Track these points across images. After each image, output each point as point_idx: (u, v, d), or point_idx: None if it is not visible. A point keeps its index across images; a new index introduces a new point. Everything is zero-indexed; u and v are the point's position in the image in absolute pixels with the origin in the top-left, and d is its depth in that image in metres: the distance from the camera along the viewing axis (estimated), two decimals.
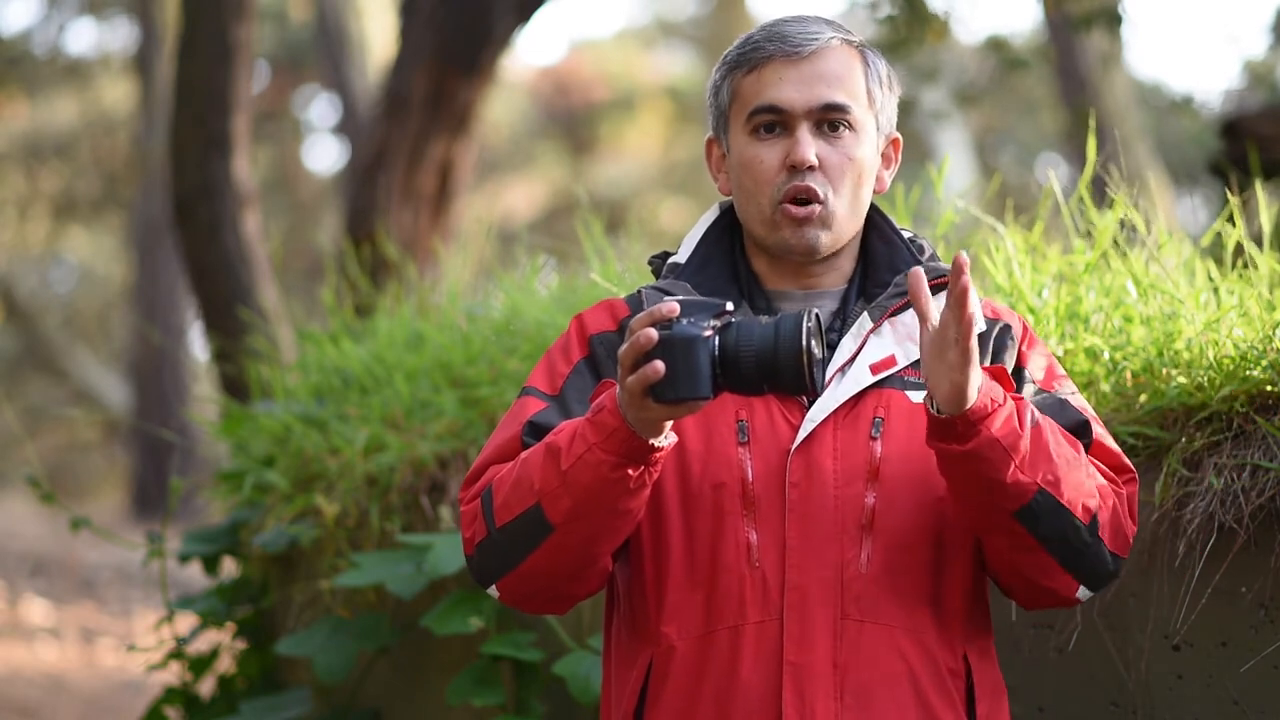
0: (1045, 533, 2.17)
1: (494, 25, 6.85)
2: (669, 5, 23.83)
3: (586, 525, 2.16)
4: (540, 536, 2.17)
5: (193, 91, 6.28)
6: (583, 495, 2.13)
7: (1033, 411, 2.17)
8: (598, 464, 2.11)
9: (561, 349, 2.35)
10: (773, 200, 2.28)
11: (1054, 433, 2.18)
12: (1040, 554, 2.19)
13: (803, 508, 2.21)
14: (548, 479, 2.15)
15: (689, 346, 2.04)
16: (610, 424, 2.10)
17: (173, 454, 11.79)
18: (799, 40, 2.28)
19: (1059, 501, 2.16)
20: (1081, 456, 2.21)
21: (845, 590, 2.20)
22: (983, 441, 2.11)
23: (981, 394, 2.11)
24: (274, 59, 18.68)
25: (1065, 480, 2.16)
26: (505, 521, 2.19)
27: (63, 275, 22.43)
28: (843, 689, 2.18)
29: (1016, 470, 2.13)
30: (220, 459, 4.72)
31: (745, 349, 2.06)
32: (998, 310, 2.36)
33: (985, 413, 2.11)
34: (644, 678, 2.26)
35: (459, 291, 4.53)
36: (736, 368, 2.06)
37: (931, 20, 8.20)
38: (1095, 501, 2.19)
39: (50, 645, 8.09)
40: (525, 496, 2.17)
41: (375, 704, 3.89)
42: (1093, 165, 3.30)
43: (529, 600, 2.27)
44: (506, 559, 2.21)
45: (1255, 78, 13.17)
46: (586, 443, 2.12)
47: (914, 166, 10.78)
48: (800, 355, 2.04)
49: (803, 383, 2.05)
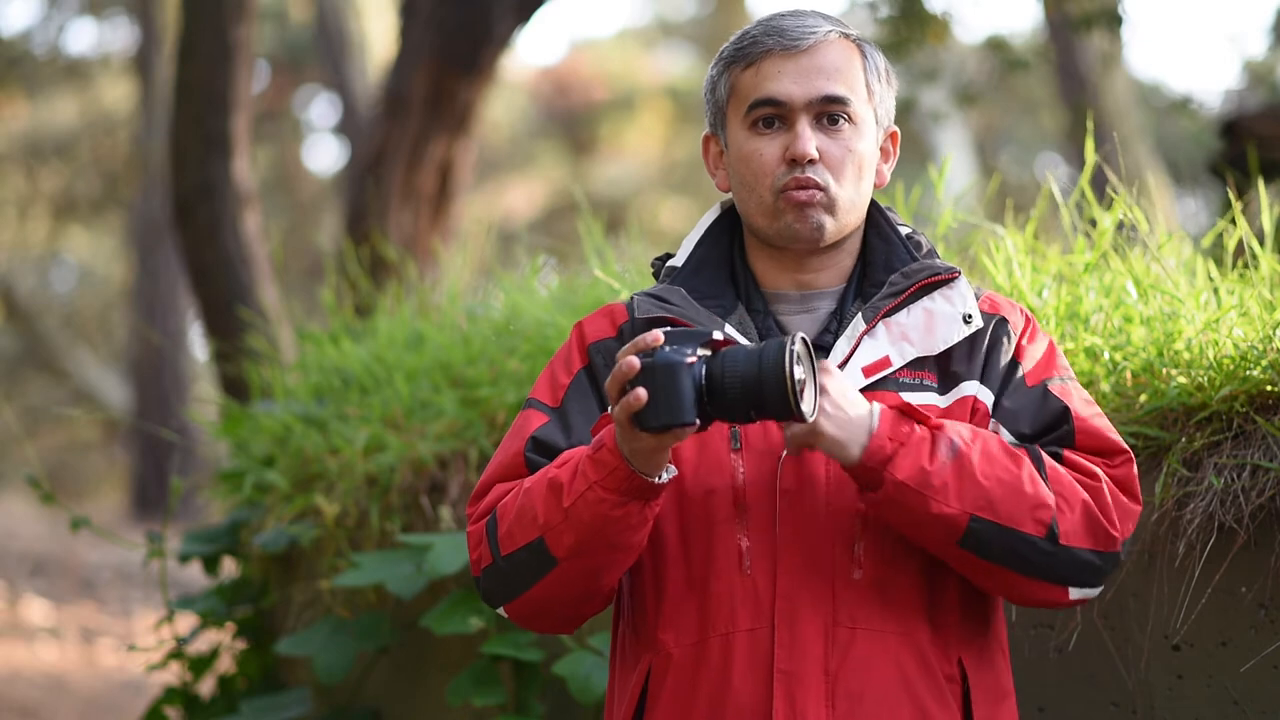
0: (995, 554, 2.16)
1: (494, 25, 6.85)
2: (669, 5, 23.83)
3: (590, 559, 2.17)
4: (544, 569, 2.19)
5: (193, 91, 6.28)
6: (585, 532, 2.14)
7: (954, 439, 2.15)
8: (599, 502, 2.12)
9: (563, 359, 2.34)
10: (773, 191, 2.27)
11: (985, 455, 2.15)
12: (1002, 572, 2.18)
13: (794, 514, 2.21)
14: (550, 514, 2.16)
15: (670, 372, 2.04)
16: (610, 462, 2.11)
17: (173, 454, 11.79)
18: (797, 34, 2.27)
19: (998, 524, 2.14)
20: (1024, 469, 2.16)
21: (837, 597, 2.20)
22: (890, 486, 2.13)
23: (877, 438, 2.12)
24: (274, 59, 18.67)
25: (1000, 501, 2.14)
26: (510, 551, 2.20)
27: (63, 275, 22.42)
28: (834, 696, 2.18)
29: (939, 504, 2.13)
30: (220, 459, 4.72)
31: (730, 376, 2.06)
32: (997, 304, 2.34)
33: (884, 455, 2.13)
34: (643, 683, 2.26)
35: (459, 291, 4.53)
36: (723, 395, 2.07)
37: (931, 21, 8.20)
38: (1050, 511, 2.15)
39: (50, 645, 8.08)
40: (529, 529, 2.18)
41: (375, 704, 3.89)
42: (1092, 165, 3.30)
43: (537, 621, 2.29)
44: (512, 586, 2.23)
45: (1255, 78, 13.18)
46: (588, 480, 2.13)
47: (914, 166, 10.79)
48: (785, 382, 2.04)
49: (788, 409, 2.06)
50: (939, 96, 9.41)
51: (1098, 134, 4.30)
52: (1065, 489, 2.17)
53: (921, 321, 2.28)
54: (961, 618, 2.25)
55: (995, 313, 2.32)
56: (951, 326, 2.28)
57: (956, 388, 2.27)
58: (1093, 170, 3.31)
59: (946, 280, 2.31)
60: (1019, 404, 2.25)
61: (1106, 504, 2.19)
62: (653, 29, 23.81)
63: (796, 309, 2.31)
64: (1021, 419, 2.25)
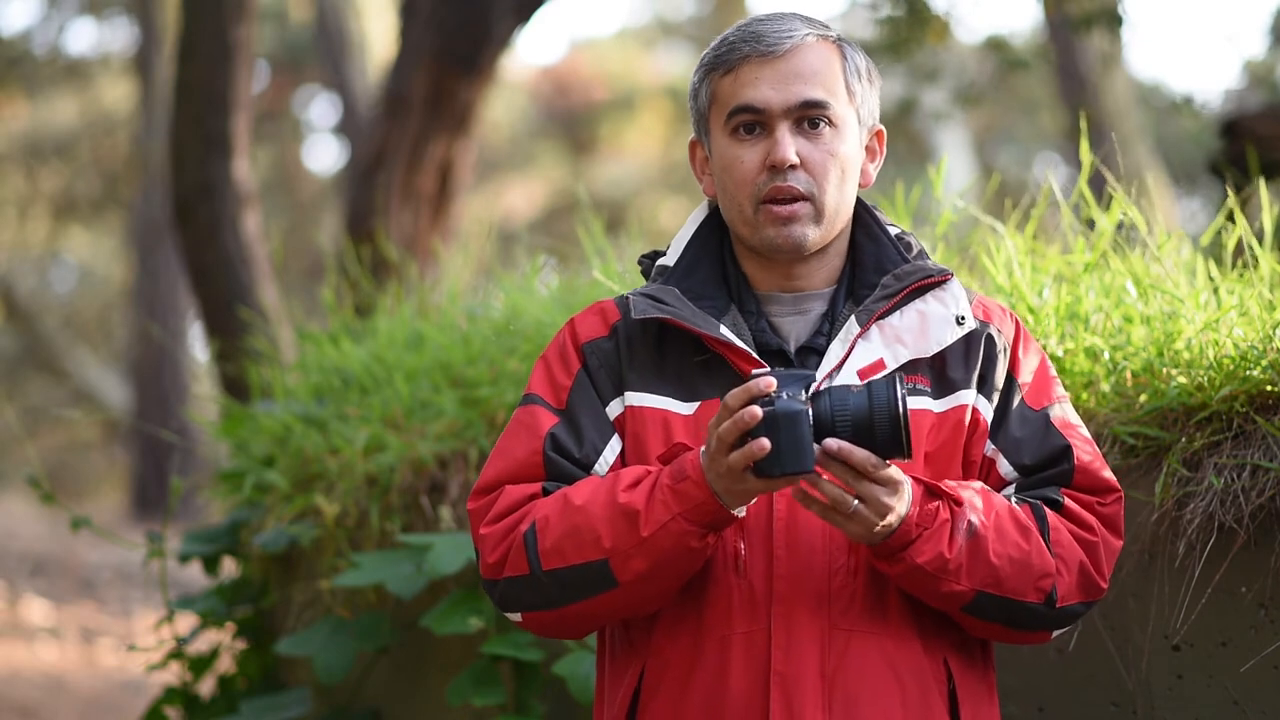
0: (994, 618, 2.21)
1: (494, 25, 6.85)
2: (668, 5, 23.82)
3: (654, 586, 2.17)
4: (600, 589, 2.17)
5: (193, 91, 6.28)
6: (660, 560, 2.14)
7: (972, 520, 2.16)
8: (682, 534, 2.12)
9: (559, 357, 2.33)
10: (754, 200, 2.26)
11: (998, 533, 2.18)
12: (996, 629, 2.24)
13: (790, 518, 2.21)
14: (621, 540, 2.14)
15: (794, 421, 2.06)
16: (696, 496, 2.11)
17: (173, 454, 11.78)
18: (774, 39, 2.26)
19: (1002, 597, 2.19)
20: (1032, 543, 2.20)
21: (833, 600, 2.20)
22: (907, 568, 2.15)
23: (905, 521, 2.13)
24: (274, 59, 18.66)
25: (1008, 579, 2.18)
26: (556, 567, 2.18)
27: (63, 275, 22.42)
28: (831, 698, 2.18)
29: (950, 584, 2.16)
30: (220, 459, 4.72)
31: (841, 417, 2.08)
32: (989, 311, 2.34)
33: (908, 539, 2.14)
34: (636, 685, 2.25)
35: (459, 291, 4.53)
36: (833, 436, 2.08)
37: (931, 20, 8.19)
38: (1051, 580, 2.20)
39: (50, 645, 8.08)
40: (587, 549, 2.16)
41: (375, 704, 3.89)
42: (1091, 165, 3.30)
43: (556, 629, 2.27)
44: (551, 600, 2.21)
45: (1255, 78, 13.18)
46: (670, 511, 2.12)
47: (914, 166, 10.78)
48: (898, 420, 2.06)
49: (900, 447, 2.07)
50: (939, 96, 9.40)
51: (1098, 134, 4.30)
52: (1065, 551, 2.22)
53: (915, 324, 2.28)
54: (948, 621, 2.26)
55: (987, 320, 2.32)
56: (944, 328, 2.28)
57: (953, 394, 2.27)
58: (1092, 170, 3.31)
59: (939, 282, 2.31)
60: (1021, 434, 2.27)
61: (1100, 559, 2.24)
62: (652, 29, 23.81)
63: (789, 311, 2.31)
64: (1024, 451, 2.27)
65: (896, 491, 2.11)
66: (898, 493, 2.11)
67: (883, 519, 2.11)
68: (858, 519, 2.10)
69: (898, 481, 2.11)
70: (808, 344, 2.28)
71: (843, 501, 2.09)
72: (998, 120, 18.92)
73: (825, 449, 2.07)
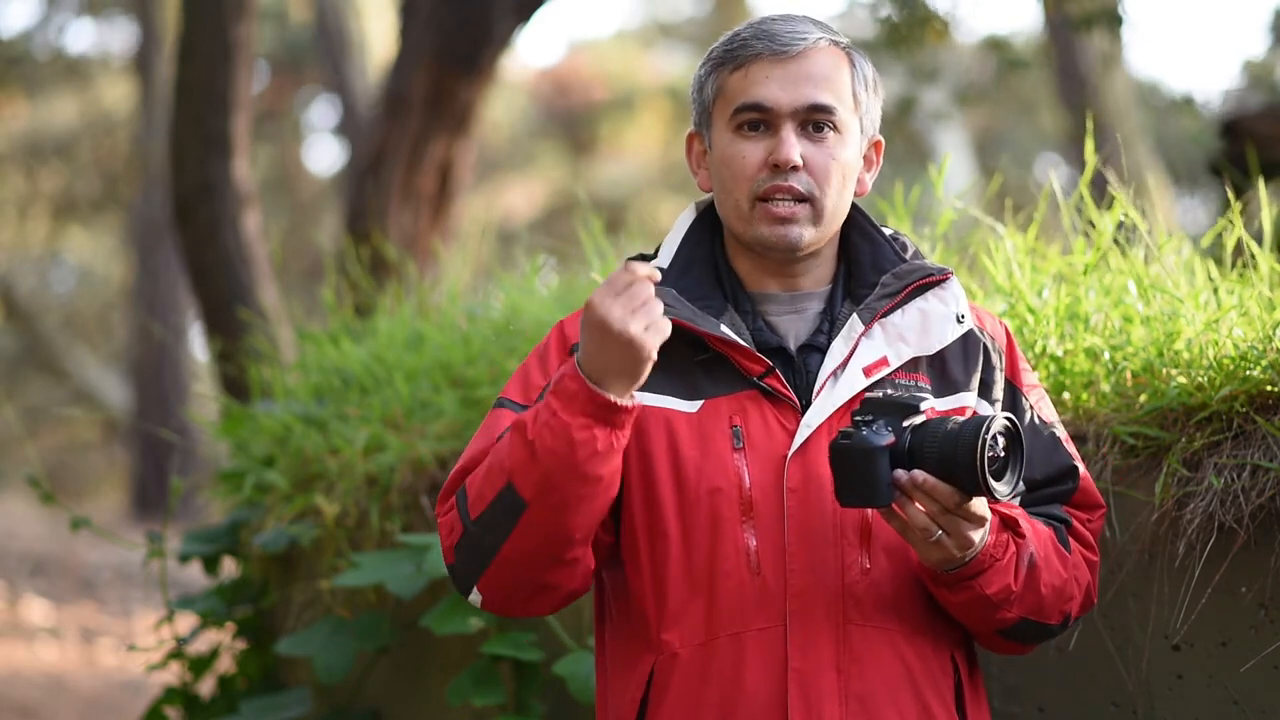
0: (1022, 639, 2.29)
1: (494, 25, 6.85)
2: (668, 5, 23.83)
3: (558, 495, 2.13)
4: (514, 516, 2.15)
5: (193, 91, 6.28)
6: (552, 461, 2.11)
7: (1032, 552, 2.22)
8: (564, 427, 2.10)
9: (539, 358, 2.32)
10: (750, 195, 2.27)
11: (1047, 563, 2.24)
12: (1015, 646, 2.32)
13: (801, 513, 2.22)
14: (516, 455, 2.13)
15: (868, 458, 2.10)
16: (571, 388, 2.10)
17: (173, 454, 11.79)
18: (787, 39, 2.27)
19: (1038, 622, 2.26)
20: (1069, 570, 2.28)
21: (847, 595, 2.21)
22: (973, 597, 2.20)
23: (982, 554, 2.18)
24: (274, 59, 18.67)
25: (1048, 606, 2.26)
26: (480, 511, 2.18)
27: (63, 275, 22.41)
28: (847, 693, 2.19)
29: (1004, 613, 2.22)
30: (220, 459, 4.71)
31: (929, 451, 2.12)
32: (982, 319, 2.38)
33: (979, 570, 2.19)
34: (645, 685, 2.25)
35: (459, 291, 4.53)
36: (924, 467, 2.12)
37: (931, 20, 8.20)
38: (1072, 604, 2.28)
39: (50, 645, 8.08)
40: (497, 480, 2.16)
41: (375, 704, 3.89)
42: (1093, 165, 3.30)
43: (511, 596, 2.23)
44: (483, 550, 2.19)
45: (1255, 78, 13.18)
46: (551, 409, 2.11)
47: (914, 166, 10.78)
48: (974, 462, 2.09)
49: (976, 486, 2.10)
50: (939, 96, 9.41)
51: (1098, 134, 4.30)
52: (1079, 574, 2.30)
53: (916, 322, 2.30)
54: (952, 618, 2.28)
55: (980, 327, 2.36)
56: (946, 326, 2.30)
57: (955, 395, 2.30)
58: (1093, 170, 3.31)
59: (939, 280, 2.33)
60: (1032, 449, 2.31)
61: (1097, 576, 2.35)
62: (652, 29, 23.81)
63: (785, 310, 2.32)
64: (1034, 466, 2.32)
65: (981, 526, 2.16)
66: (982, 528, 2.16)
67: (964, 551, 2.15)
68: (940, 548, 2.15)
69: (983, 518, 2.15)
70: (809, 342, 2.30)
71: (927, 530, 2.13)
72: (997, 121, 18.92)
73: (912, 480, 2.11)
